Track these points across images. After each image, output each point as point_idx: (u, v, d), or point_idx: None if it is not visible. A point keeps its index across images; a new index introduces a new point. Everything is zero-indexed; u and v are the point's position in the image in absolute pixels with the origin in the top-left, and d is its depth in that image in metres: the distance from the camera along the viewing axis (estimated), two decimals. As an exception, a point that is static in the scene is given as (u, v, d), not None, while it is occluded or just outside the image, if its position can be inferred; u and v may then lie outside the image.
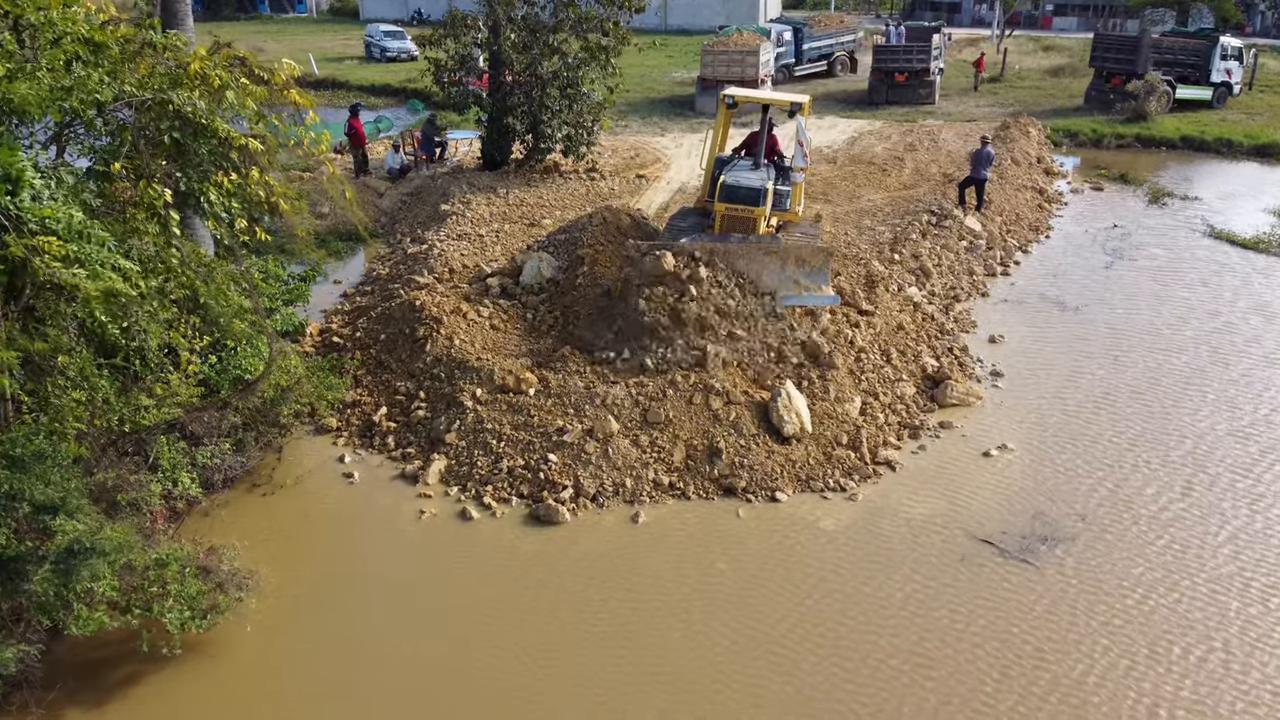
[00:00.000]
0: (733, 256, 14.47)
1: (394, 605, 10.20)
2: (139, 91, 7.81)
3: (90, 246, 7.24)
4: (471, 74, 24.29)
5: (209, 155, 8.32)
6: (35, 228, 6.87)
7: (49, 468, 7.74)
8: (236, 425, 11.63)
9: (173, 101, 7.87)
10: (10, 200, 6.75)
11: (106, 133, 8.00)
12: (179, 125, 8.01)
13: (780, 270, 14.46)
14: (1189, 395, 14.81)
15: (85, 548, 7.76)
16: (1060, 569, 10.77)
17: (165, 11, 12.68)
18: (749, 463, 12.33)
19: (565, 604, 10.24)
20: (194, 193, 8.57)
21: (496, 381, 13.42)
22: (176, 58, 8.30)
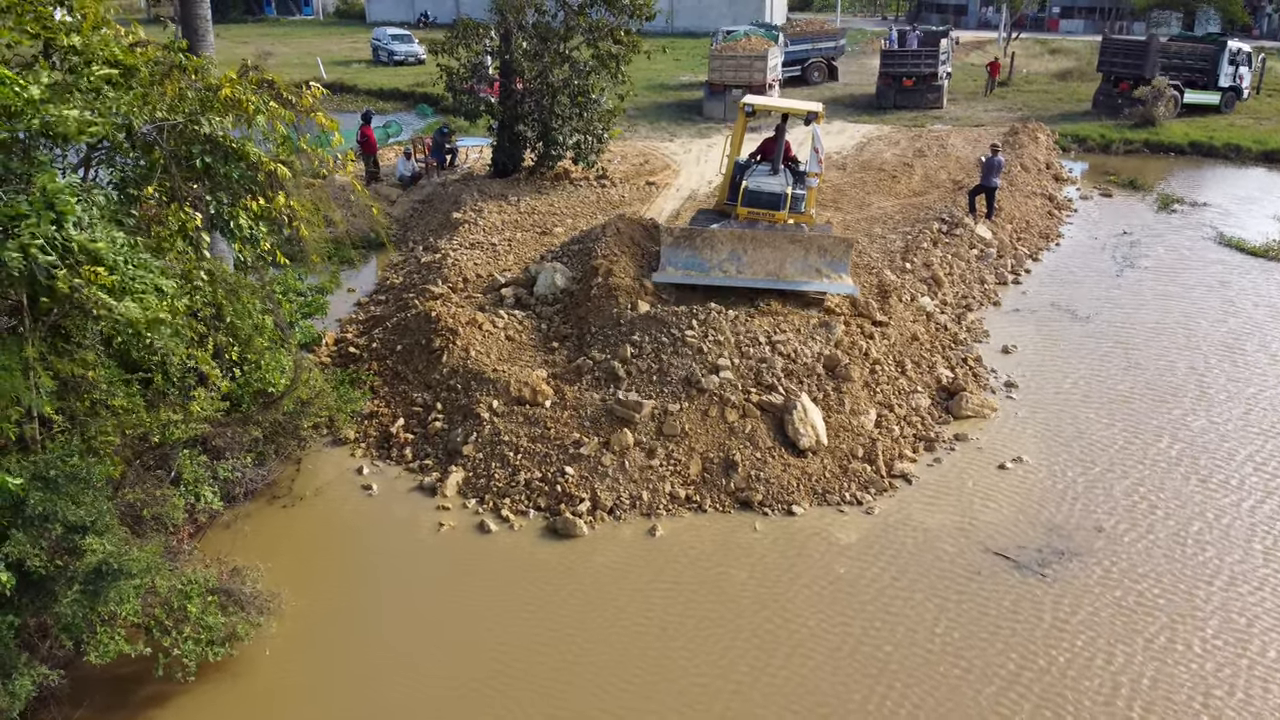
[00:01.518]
0: (760, 244, 15.49)
1: (414, 625, 10.25)
2: (170, 115, 7.88)
3: (135, 270, 7.31)
4: (483, 82, 24.36)
5: (239, 180, 8.39)
6: (82, 258, 6.93)
7: (81, 488, 7.81)
8: (257, 439, 11.70)
9: (204, 126, 7.94)
10: (56, 231, 6.82)
11: (137, 156, 8.06)
12: (210, 149, 8.09)
13: (804, 259, 15.50)
14: (1202, 405, 14.84)
15: (113, 569, 7.83)
16: (1077, 584, 10.81)
17: (186, 26, 12.75)
18: (765, 476, 12.39)
19: (585, 619, 10.30)
20: (224, 216, 8.65)
21: (513, 393, 13.49)
22: (206, 80, 8.37)
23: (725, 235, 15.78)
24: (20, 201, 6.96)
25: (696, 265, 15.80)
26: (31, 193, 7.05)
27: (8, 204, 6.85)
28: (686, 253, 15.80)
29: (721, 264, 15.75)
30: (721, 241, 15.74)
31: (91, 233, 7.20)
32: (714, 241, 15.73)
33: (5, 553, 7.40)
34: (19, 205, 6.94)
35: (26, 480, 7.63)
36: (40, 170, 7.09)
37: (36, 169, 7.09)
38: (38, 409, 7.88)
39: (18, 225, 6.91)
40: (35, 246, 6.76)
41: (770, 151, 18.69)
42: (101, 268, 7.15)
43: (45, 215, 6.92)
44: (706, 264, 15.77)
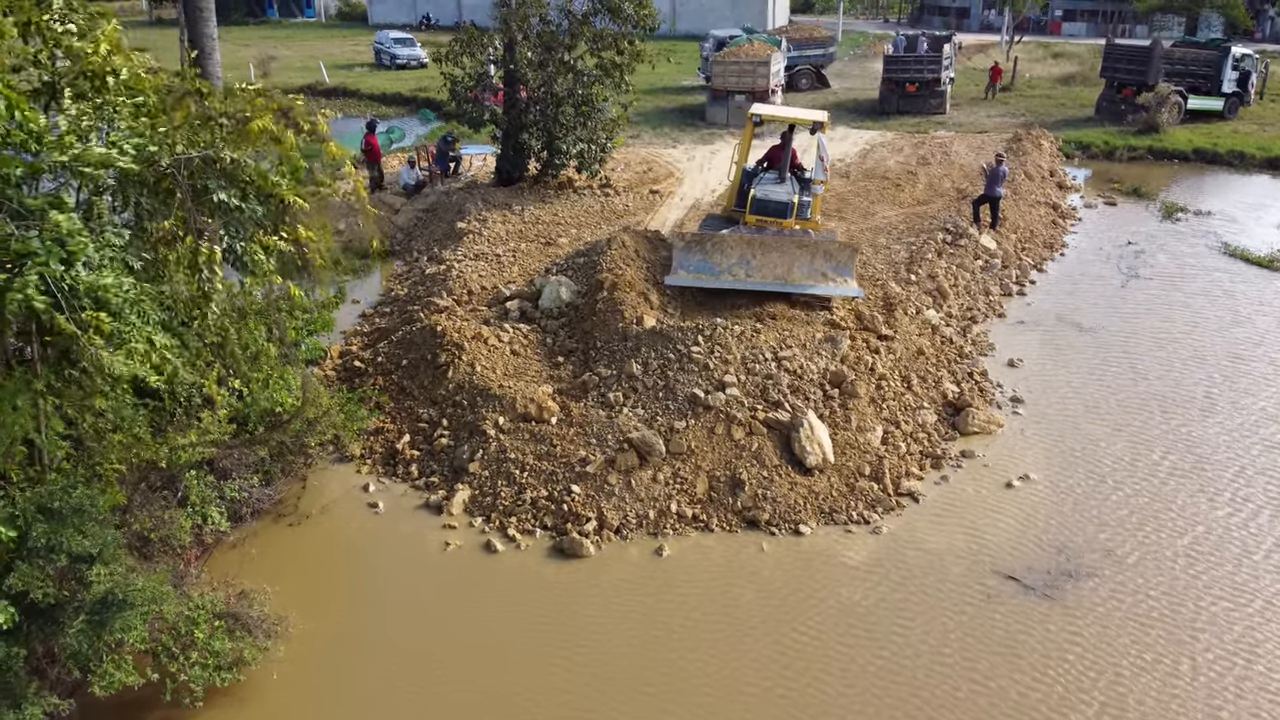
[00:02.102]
0: (768, 249, 16.04)
1: (420, 648, 10.23)
2: (189, 149, 7.86)
3: (135, 320, 7.29)
4: (488, 91, 24.34)
5: (261, 213, 8.37)
6: (88, 302, 6.92)
7: (85, 519, 7.80)
8: (264, 459, 11.69)
9: (223, 161, 7.92)
10: (65, 272, 6.80)
11: (153, 191, 8.03)
12: (226, 184, 8.06)
13: (810, 263, 16.06)
14: (1209, 418, 14.83)
15: (119, 599, 7.82)
16: (1085, 606, 10.80)
17: (191, 32, 12.62)
18: (772, 495, 12.37)
19: (592, 642, 10.28)
20: (240, 252, 8.65)
21: (518, 410, 13.47)
22: (226, 108, 8.32)
23: (735, 240, 16.31)
24: (32, 239, 6.95)
25: (707, 269, 16.31)
26: (45, 230, 7.03)
27: (20, 240, 6.83)
28: (698, 257, 16.28)
29: (731, 268, 16.23)
30: (731, 246, 16.22)
31: (100, 276, 7.17)
32: (724, 246, 16.22)
33: (8, 585, 7.37)
34: (30, 243, 6.92)
35: (30, 514, 7.61)
36: (57, 207, 7.06)
37: (53, 205, 7.07)
38: (49, 450, 7.87)
39: (25, 262, 6.89)
40: (33, 288, 6.73)
41: (777, 159, 19.11)
42: (104, 313, 7.13)
43: (55, 254, 6.90)
44: (717, 268, 16.26)
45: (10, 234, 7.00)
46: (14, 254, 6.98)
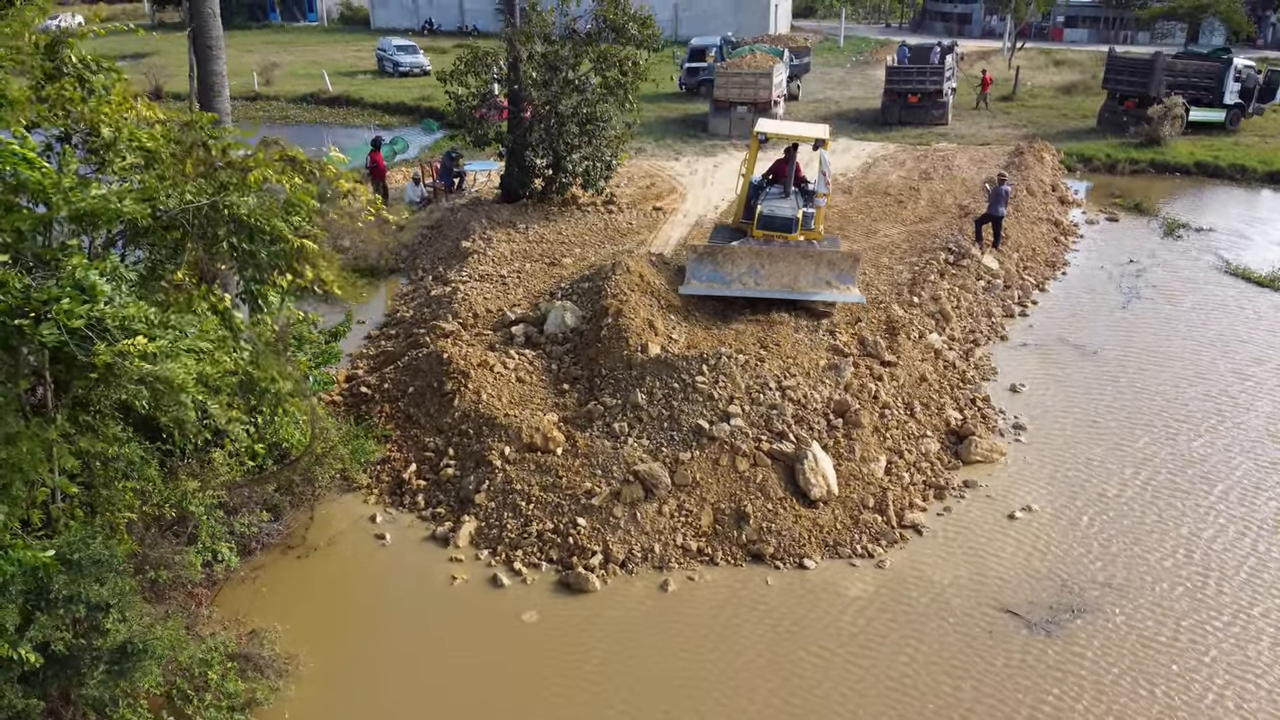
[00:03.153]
0: (775, 259, 17.09)
1: (427, 685, 10.32)
2: (196, 197, 7.97)
3: (171, 333, 7.40)
4: (493, 108, 24.43)
5: (268, 257, 8.49)
6: (117, 332, 7.03)
7: (103, 569, 7.90)
8: (273, 494, 11.79)
9: (232, 207, 8.03)
10: (88, 309, 6.93)
11: (163, 239, 8.14)
12: (236, 230, 8.18)
13: (815, 271, 17.10)
14: (1211, 447, 14.91)
15: (138, 648, 7.93)
16: (1086, 642, 10.89)
17: (198, 40, 12.44)
18: (776, 528, 12.47)
19: (598, 680, 10.38)
20: (253, 293, 8.76)
21: (524, 440, 13.57)
22: (231, 159, 8.45)
23: (744, 251, 17.35)
24: (50, 286, 7.06)
25: (719, 278, 17.32)
26: (62, 277, 7.15)
27: (40, 289, 6.95)
28: (709, 267, 17.32)
29: (741, 277, 17.25)
30: (741, 257, 17.26)
31: (123, 309, 7.28)
32: (734, 257, 17.27)
33: (31, 636, 7.49)
34: (49, 290, 7.04)
35: (56, 564, 7.72)
36: (69, 254, 7.18)
37: (65, 254, 7.18)
38: (61, 490, 7.97)
39: (49, 308, 7.01)
40: (76, 321, 6.86)
41: (782, 173, 20.28)
42: (141, 337, 7.24)
43: (76, 297, 7.02)
44: (728, 277, 17.28)
45: (29, 284, 7.11)
46: (35, 302, 7.09)
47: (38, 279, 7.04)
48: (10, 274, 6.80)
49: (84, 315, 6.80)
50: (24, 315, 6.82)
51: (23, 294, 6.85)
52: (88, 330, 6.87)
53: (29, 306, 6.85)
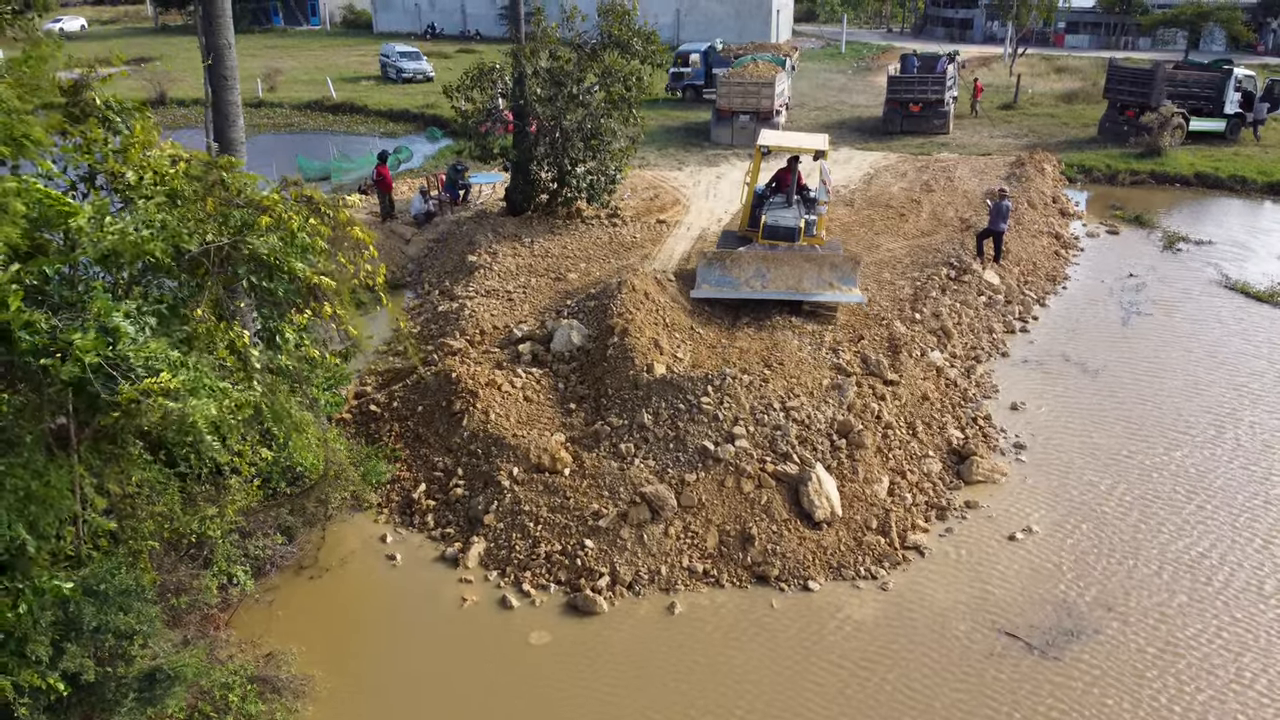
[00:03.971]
0: (780, 262, 18.17)
1: (439, 706, 10.54)
2: (217, 237, 8.18)
3: (193, 373, 7.61)
4: (498, 123, 24.64)
5: (284, 295, 8.70)
6: (142, 371, 7.24)
7: (130, 598, 8.11)
8: (286, 518, 12.00)
9: (251, 246, 8.24)
10: (112, 350, 7.14)
11: (186, 278, 8.35)
12: (255, 268, 8.39)
13: (818, 274, 18.18)
14: (1209, 464, 15.09)
15: (166, 675, 8.14)
16: (1086, 665, 11.09)
17: (209, 47, 12.47)
18: (781, 549, 12.66)
19: (605, 702, 10.58)
20: (271, 330, 8.97)
21: (532, 460, 13.78)
22: (248, 196, 8.66)
23: (751, 256, 18.48)
24: (74, 327, 7.27)
25: (728, 282, 18.39)
26: (86, 319, 7.36)
27: (66, 330, 7.15)
28: (719, 271, 18.42)
29: (749, 280, 18.35)
30: (748, 261, 18.36)
31: (146, 349, 7.49)
32: (742, 262, 18.37)
33: (64, 667, 7.69)
34: (74, 330, 7.25)
35: (79, 592, 7.93)
36: (93, 297, 7.39)
37: (90, 296, 7.39)
38: (93, 526, 8.19)
39: (72, 347, 7.21)
40: (93, 358, 7.07)
41: (785, 182, 21.36)
42: (165, 374, 7.45)
43: (100, 339, 7.22)
44: (736, 280, 18.36)
45: (55, 327, 7.31)
46: (61, 342, 7.30)
47: (64, 320, 7.24)
48: (38, 314, 7.01)
49: (102, 353, 6.99)
50: (49, 355, 7.03)
51: (49, 334, 7.05)
52: (110, 369, 7.07)
53: (55, 346, 7.05)
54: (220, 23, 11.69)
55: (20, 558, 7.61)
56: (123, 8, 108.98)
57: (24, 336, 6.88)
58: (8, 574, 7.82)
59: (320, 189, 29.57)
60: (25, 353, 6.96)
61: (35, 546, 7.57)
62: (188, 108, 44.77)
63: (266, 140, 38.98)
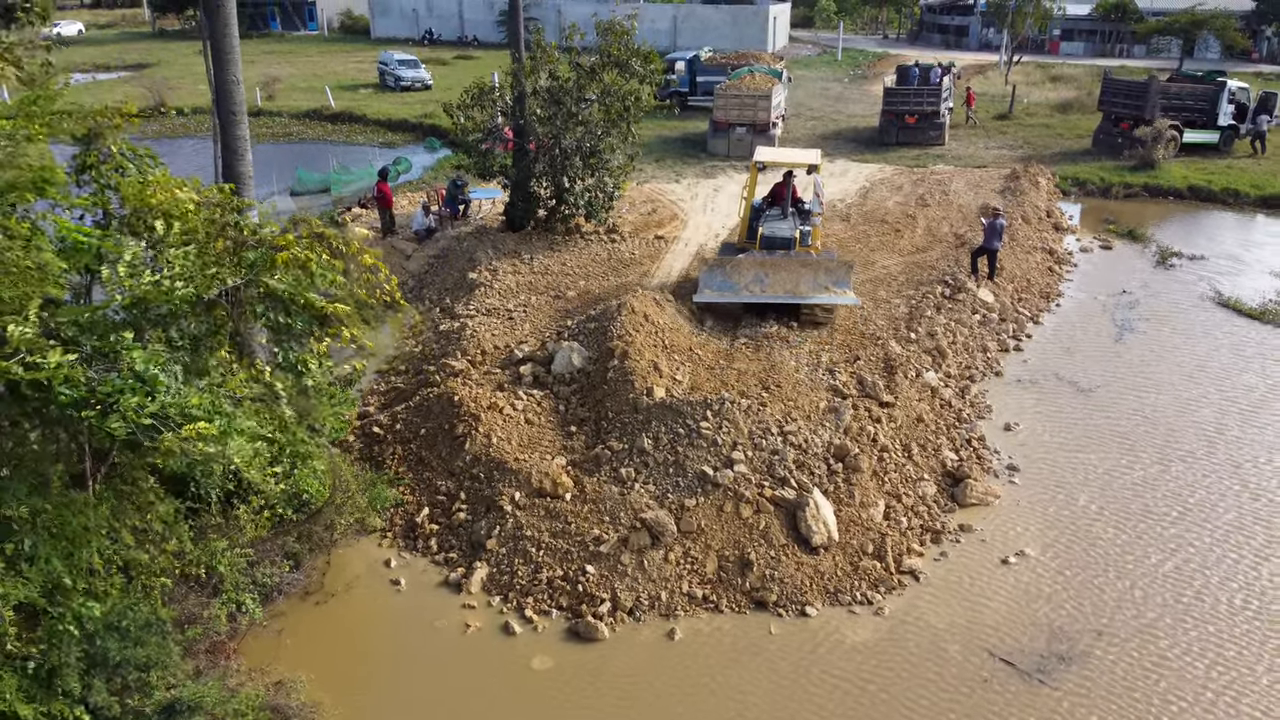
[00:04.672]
0: (778, 268, 19.33)
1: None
2: (234, 276, 8.43)
3: (225, 417, 7.87)
4: (498, 140, 24.87)
5: (302, 326, 8.95)
6: (179, 419, 7.49)
7: (149, 633, 8.35)
8: (293, 545, 12.22)
9: (267, 285, 8.49)
10: (155, 404, 7.39)
11: (204, 318, 8.58)
12: (272, 305, 8.64)
13: (814, 278, 19.31)
14: (1199, 484, 15.35)
15: (186, 705, 8.38)
16: (1077, 691, 11.34)
17: (215, 50, 12.55)
18: (779, 575, 12.91)
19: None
20: (292, 362, 9.22)
21: (534, 485, 14.01)
22: (261, 238, 8.89)
23: (750, 262, 19.67)
24: (113, 379, 7.51)
25: (729, 287, 19.56)
26: (122, 369, 7.60)
27: (104, 383, 7.40)
28: (720, 277, 19.61)
29: (748, 285, 19.48)
30: (748, 267, 19.54)
31: (181, 397, 7.74)
32: (742, 267, 19.57)
33: (93, 702, 7.93)
34: (111, 382, 7.49)
35: (101, 628, 8.17)
36: (126, 347, 7.63)
37: (123, 346, 7.64)
38: (121, 559, 8.43)
39: (115, 400, 7.46)
40: (146, 420, 7.32)
41: (780, 196, 22.30)
42: (203, 423, 7.70)
43: (140, 390, 7.47)
44: (737, 285, 19.52)
45: (92, 379, 7.55)
46: (100, 395, 7.54)
47: (98, 371, 7.48)
48: (76, 369, 7.25)
49: (150, 409, 7.25)
50: (89, 407, 7.26)
51: (86, 387, 7.29)
52: (152, 420, 7.33)
53: (93, 399, 7.29)
54: (228, 59, 11.92)
55: (58, 591, 7.85)
56: (120, 11, 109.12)
57: (64, 392, 7.13)
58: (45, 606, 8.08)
59: (320, 201, 29.57)
60: (65, 406, 7.20)
61: (71, 581, 7.82)
62: (187, 116, 44.95)
63: (266, 150, 39.09)
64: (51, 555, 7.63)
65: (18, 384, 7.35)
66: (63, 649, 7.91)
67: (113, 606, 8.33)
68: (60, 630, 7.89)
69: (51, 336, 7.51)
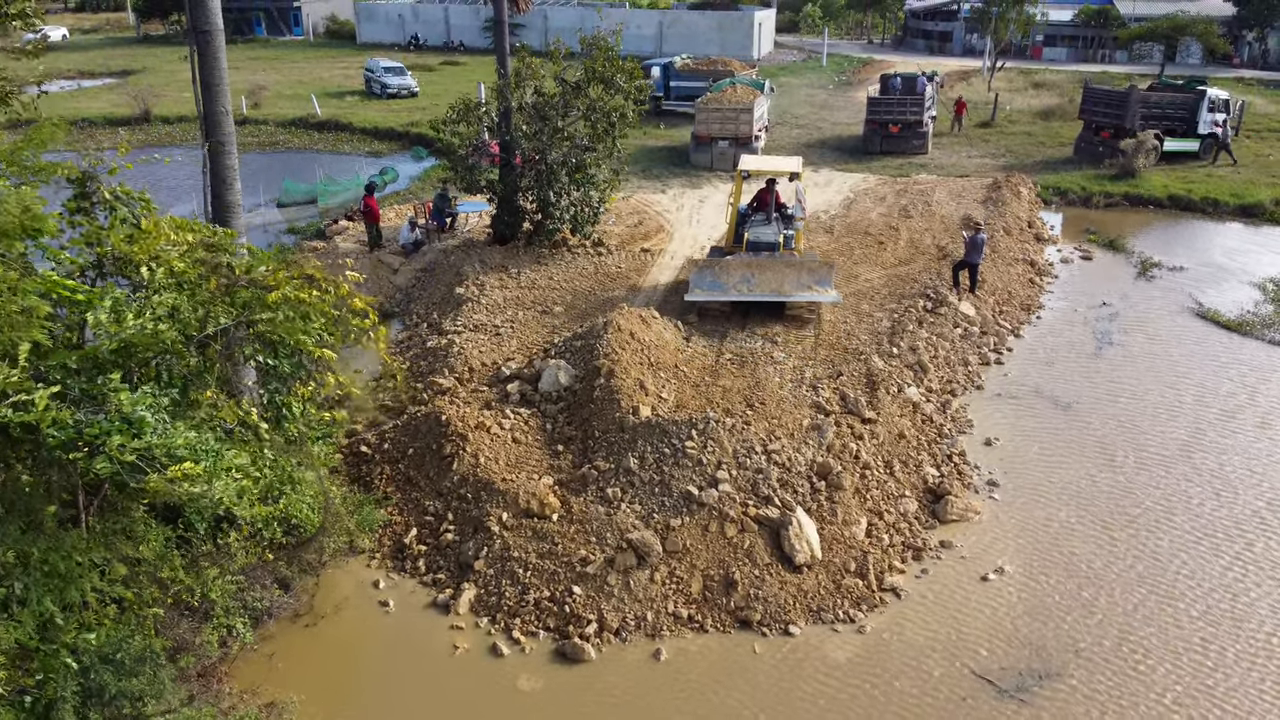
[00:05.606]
0: (764, 268, 20.56)
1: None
2: (225, 316, 8.59)
3: (211, 456, 8.03)
4: (484, 155, 25.04)
5: (290, 369, 9.10)
6: (165, 460, 7.65)
7: (142, 664, 8.51)
8: (283, 570, 12.37)
9: (256, 325, 8.65)
10: (136, 440, 7.55)
11: (195, 360, 8.74)
12: (261, 346, 8.80)
13: (798, 278, 20.58)
14: (1177, 502, 15.61)
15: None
16: (1053, 708, 11.57)
17: (203, 63, 12.59)
18: (763, 594, 13.11)
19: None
20: (278, 405, 9.38)
21: (521, 505, 14.18)
22: (253, 277, 9.05)
23: (737, 263, 20.87)
24: (100, 421, 7.67)
25: (717, 287, 20.75)
26: (109, 411, 7.76)
27: (91, 425, 7.56)
28: (710, 277, 20.78)
29: (736, 285, 20.65)
30: (735, 268, 20.73)
31: (167, 437, 7.89)
32: (730, 268, 20.76)
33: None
34: (99, 424, 7.65)
35: (97, 660, 8.32)
36: (114, 389, 7.78)
37: (111, 389, 7.79)
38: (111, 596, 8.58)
39: (102, 441, 7.61)
40: (130, 457, 7.48)
41: (764, 202, 23.56)
42: (188, 464, 7.85)
43: (126, 431, 7.63)
44: (725, 285, 20.70)
45: (80, 420, 7.70)
46: (88, 436, 7.69)
47: (86, 413, 7.63)
48: (63, 412, 7.40)
49: (135, 449, 7.40)
50: (76, 449, 7.42)
51: (74, 429, 7.45)
52: (137, 459, 7.48)
53: (81, 440, 7.45)
54: (217, 90, 12.06)
55: (49, 629, 8.00)
56: (104, 16, 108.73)
57: (52, 434, 7.29)
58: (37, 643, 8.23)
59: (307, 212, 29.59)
60: (54, 448, 7.36)
61: (63, 619, 7.97)
62: (172, 125, 44.97)
63: (252, 159, 39.10)
64: (44, 596, 7.78)
65: (7, 426, 7.50)
66: (59, 682, 8.05)
67: (107, 638, 8.48)
68: (56, 664, 8.04)
69: (40, 379, 7.65)
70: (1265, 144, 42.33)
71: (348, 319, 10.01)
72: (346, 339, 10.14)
